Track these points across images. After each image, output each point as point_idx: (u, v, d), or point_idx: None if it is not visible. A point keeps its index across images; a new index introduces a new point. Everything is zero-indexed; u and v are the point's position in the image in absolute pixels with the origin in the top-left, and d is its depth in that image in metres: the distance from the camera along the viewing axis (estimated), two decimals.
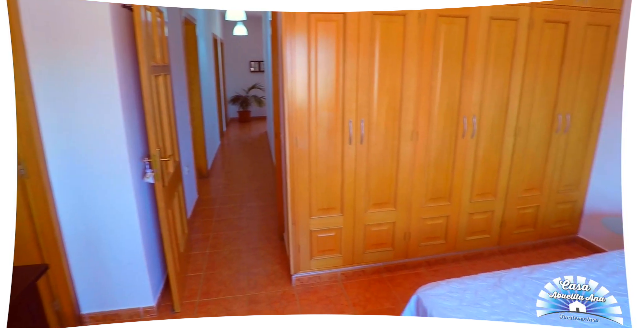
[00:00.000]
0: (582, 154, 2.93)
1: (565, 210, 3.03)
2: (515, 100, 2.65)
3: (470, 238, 2.85)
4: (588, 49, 2.70)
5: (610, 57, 2.77)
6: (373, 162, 2.52)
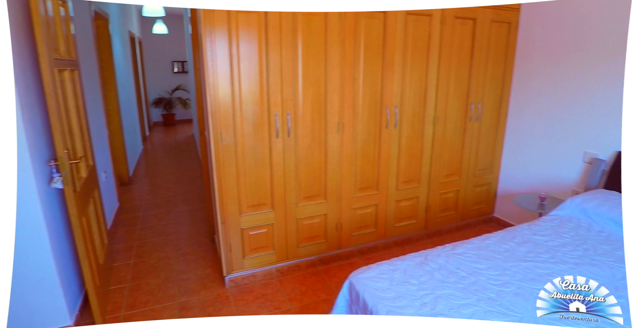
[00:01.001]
0: (493, 140, 3.18)
1: (481, 192, 3.27)
2: (433, 91, 2.79)
3: (399, 225, 2.96)
4: (493, 43, 2.93)
5: (512, 51, 3.03)
6: (301, 155, 2.52)
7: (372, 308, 1.52)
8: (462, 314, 1.43)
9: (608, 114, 2.50)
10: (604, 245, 1.91)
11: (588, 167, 2.63)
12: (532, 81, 2.94)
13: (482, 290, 1.57)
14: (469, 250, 1.87)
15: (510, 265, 1.74)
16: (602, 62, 2.49)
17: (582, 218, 2.18)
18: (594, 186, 2.51)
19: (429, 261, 1.78)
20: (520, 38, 3.00)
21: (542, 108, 2.90)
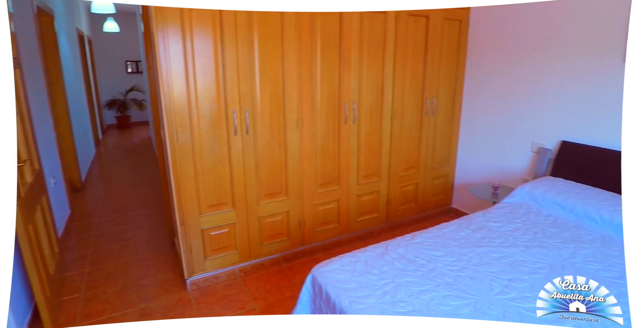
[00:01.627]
0: (449, 134, 3.28)
1: (439, 184, 3.37)
2: (389, 86, 2.84)
3: (361, 219, 2.99)
4: (446, 40, 3.03)
5: (464, 48, 3.14)
6: (261, 152, 2.49)
7: (334, 300, 1.53)
8: (421, 300, 1.47)
9: (552, 106, 2.64)
10: (552, 228, 2.02)
11: (536, 156, 2.77)
12: (483, 76, 3.07)
13: (440, 276, 1.62)
14: (427, 239, 1.92)
15: (466, 251, 1.80)
16: (545, 57, 2.63)
17: (532, 204, 2.30)
18: (542, 174, 2.66)
19: (389, 251, 1.82)
20: (470, 35, 3.11)
21: (493, 102, 3.03)
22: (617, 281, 1.57)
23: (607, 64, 2.35)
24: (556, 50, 2.57)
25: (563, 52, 2.54)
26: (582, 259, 1.73)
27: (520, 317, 1.37)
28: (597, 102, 2.42)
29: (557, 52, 2.57)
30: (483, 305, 1.43)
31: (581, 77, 2.48)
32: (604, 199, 2.09)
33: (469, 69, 3.18)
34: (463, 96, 3.25)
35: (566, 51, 2.52)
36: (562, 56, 2.55)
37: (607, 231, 1.96)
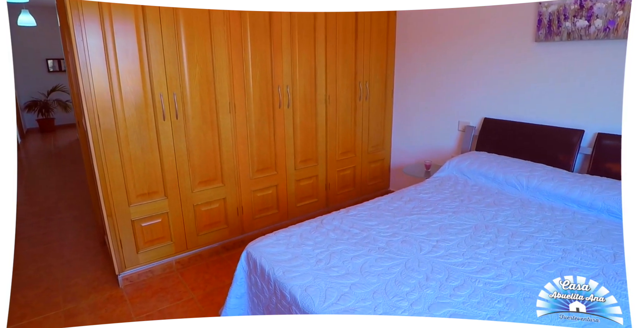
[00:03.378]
0: (383, 118, 3.38)
1: (376, 168, 3.45)
2: (322, 71, 2.87)
3: (301, 204, 2.99)
4: (375, 26, 3.11)
5: (392, 33, 3.24)
6: (193, 137, 2.40)
7: (268, 271, 1.51)
8: (354, 264, 1.48)
9: (475, 87, 2.81)
10: (477, 195, 2.14)
11: (462, 134, 2.93)
12: (411, 61, 3.19)
13: (373, 242, 1.65)
14: (362, 212, 1.96)
15: (398, 219, 1.86)
16: (468, 42, 2.79)
17: (459, 176, 2.42)
18: (468, 150, 2.82)
19: (324, 224, 1.83)
20: (399, 22, 3.22)
21: (422, 85, 3.16)
22: (533, 235, 1.69)
23: (519, 46, 2.54)
24: (477, 36, 2.74)
25: (483, 37, 2.71)
26: (503, 219, 1.85)
27: (446, 270, 1.43)
28: (513, 81, 2.61)
29: (478, 38, 2.74)
30: (413, 263, 1.48)
31: (499, 59, 2.66)
32: (521, 167, 2.25)
33: (398, 55, 3.29)
34: (394, 81, 3.36)
35: (486, 37, 2.70)
36: (482, 41, 2.72)
37: (525, 195, 2.11)
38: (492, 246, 1.60)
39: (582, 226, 1.76)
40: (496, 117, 2.72)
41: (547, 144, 2.39)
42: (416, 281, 1.37)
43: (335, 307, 1.26)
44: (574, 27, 2.31)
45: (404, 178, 3.41)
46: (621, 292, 1.30)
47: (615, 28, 2.19)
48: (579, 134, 2.30)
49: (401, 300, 1.27)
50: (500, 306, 1.23)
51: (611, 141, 2.19)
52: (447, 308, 1.23)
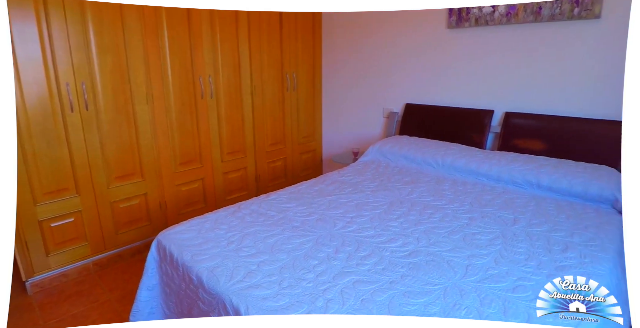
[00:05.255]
0: (312, 108, 3.38)
1: (308, 159, 3.44)
2: (246, 61, 2.82)
3: (231, 197, 2.90)
4: (300, 16, 3.10)
5: (319, 22, 3.25)
6: (106, 130, 2.25)
7: (177, 257, 1.43)
8: (266, 243, 1.45)
9: (397, 75, 2.89)
10: (397, 175, 2.19)
11: (387, 120, 3.00)
12: (338, 51, 3.22)
13: (289, 222, 1.62)
14: (282, 195, 1.93)
15: (317, 200, 1.85)
16: (388, 31, 2.87)
17: (382, 159, 2.47)
18: (392, 135, 2.88)
19: (241, 209, 1.77)
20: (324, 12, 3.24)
21: (349, 75, 3.20)
22: (444, 207, 1.75)
23: (434, 33, 2.64)
24: (396, 25, 2.82)
25: (401, 26, 2.80)
26: (418, 194, 1.90)
27: (357, 243, 1.43)
28: (430, 67, 2.71)
29: (396, 27, 2.82)
30: (325, 239, 1.47)
31: (417, 47, 2.75)
32: (437, 147, 2.33)
33: (325, 46, 3.31)
34: (322, 71, 3.37)
35: (403, 26, 2.78)
36: (400, 30, 2.80)
37: (440, 173, 2.19)
38: (404, 218, 1.63)
39: (489, 197, 1.85)
40: (417, 102, 2.81)
41: (463, 125, 2.50)
42: (325, 254, 1.36)
43: (240, 284, 1.21)
44: (481, 13, 2.44)
45: (336, 167, 3.42)
46: (516, 250, 1.37)
47: (515, 13, 2.33)
48: (489, 115, 2.43)
49: (308, 273, 1.25)
50: (404, 270, 1.25)
51: (517, 119, 2.33)
52: (351, 276, 1.23)
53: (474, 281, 1.19)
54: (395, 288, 1.17)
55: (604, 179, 1.81)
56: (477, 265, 1.28)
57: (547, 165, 1.97)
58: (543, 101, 2.30)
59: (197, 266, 1.34)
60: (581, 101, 2.19)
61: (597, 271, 1.27)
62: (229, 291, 1.19)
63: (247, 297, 1.16)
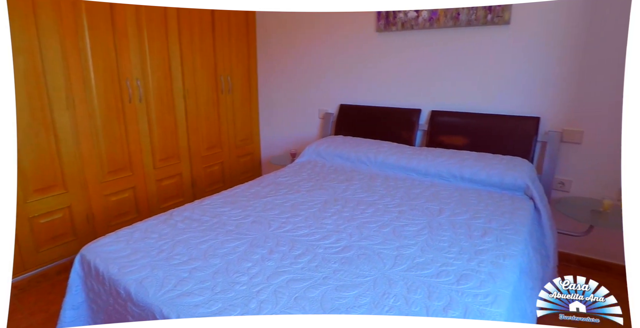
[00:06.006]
0: (249, 111, 3.35)
1: (246, 162, 3.41)
2: (177, 63, 2.73)
3: (166, 205, 2.79)
4: (234, 17, 3.06)
5: (252, 24, 3.23)
6: (21, 138, 2.07)
7: (103, 271, 1.35)
8: (199, 249, 1.41)
9: (331, 76, 2.95)
10: (332, 174, 2.24)
11: (322, 121, 3.06)
12: (273, 53, 3.22)
13: (223, 226, 1.60)
14: (217, 200, 1.89)
15: (253, 202, 1.84)
16: (320, 32, 2.92)
17: (318, 159, 2.51)
18: (328, 135, 2.94)
19: (174, 216, 1.72)
20: (258, 14, 3.23)
21: (285, 77, 3.21)
22: (376, 202, 1.82)
23: (365, 37, 2.74)
24: (329, 28, 2.88)
25: (334, 29, 2.86)
26: (352, 192, 1.95)
27: (291, 242, 1.45)
28: (362, 69, 2.80)
29: (329, 30, 2.88)
30: (259, 241, 1.47)
31: (349, 49, 2.83)
32: (370, 146, 2.42)
33: (260, 47, 3.30)
34: (258, 73, 3.36)
35: (336, 28, 2.85)
36: (333, 33, 2.87)
37: (373, 170, 2.27)
38: (338, 215, 1.67)
39: (418, 190, 1.95)
40: (350, 103, 2.89)
41: (394, 124, 2.61)
42: (259, 256, 1.35)
43: (170, 293, 1.17)
44: (407, 17, 2.56)
45: (275, 169, 3.42)
46: (440, 238, 1.46)
47: (437, 18, 2.48)
48: (417, 113, 2.56)
49: (242, 276, 1.24)
50: (336, 265, 1.28)
51: (442, 117, 2.48)
52: (285, 275, 1.24)
53: (402, 270, 1.25)
54: (328, 283, 1.19)
55: (517, 169, 1.98)
56: (405, 255, 1.34)
57: (468, 159, 2.11)
58: (464, 99, 2.47)
59: (125, 279, 1.28)
60: (496, 99, 2.38)
61: (511, 252, 1.38)
62: (158, 301, 1.15)
63: (178, 305, 1.12)
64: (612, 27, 2.02)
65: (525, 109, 2.31)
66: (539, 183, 2.06)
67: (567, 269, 2.31)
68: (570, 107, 2.21)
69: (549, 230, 1.86)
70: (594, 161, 2.20)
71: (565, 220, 2.16)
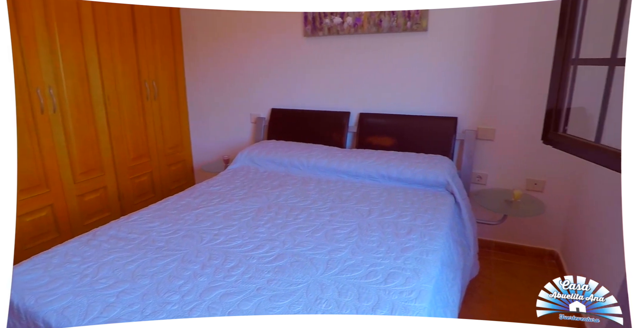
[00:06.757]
0: (177, 117, 3.23)
1: (178, 170, 3.29)
2: (95, 69, 2.56)
3: (90, 222, 2.62)
4: (157, 20, 2.92)
5: (178, 28, 3.11)
6: None
7: (18, 303, 1.25)
8: (126, 270, 1.36)
9: (262, 80, 2.94)
10: (266, 180, 2.25)
11: (254, 126, 3.04)
12: (201, 56, 3.13)
13: (152, 243, 1.54)
14: (145, 215, 1.82)
15: (184, 215, 1.79)
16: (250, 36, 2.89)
17: (251, 165, 2.50)
18: (261, 140, 2.94)
19: (97, 236, 1.63)
20: (183, 17, 3.12)
21: (214, 81, 3.14)
22: (309, 207, 1.86)
23: (293, 41, 2.76)
24: (258, 31, 2.86)
25: (263, 33, 2.85)
26: (285, 197, 1.97)
27: (224, 255, 1.44)
28: (291, 73, 2.83)
29: (258, 34, 2.86)
30: (191, 256, 1.44)
31: (278, 53, 2.83)
32: (302, 149, 2.46)
33: (186, 50, 3.19)
34: (186, 77, 3.25)
35: (265, 32, 2.83)
36: (262, 37, 2.85)
37: (306, 174, 2.31)
38: (271, 223, 1.68)
39: (349, 192, 2.02)
40: (282, 107, 2.90)
41: (324, 127, 2.67)
42: (191, 272, 1.33)
43: (96, 321, 1.12)
44: (332, 23, 2.62)
45: (208, 176, 3.34)
46: (369, 239, 1.53)
47: (361, 24, 2.57)
48: (347, 116, 2.64)
49: (173, 295, 1.22)
50: (270, 275, 1.30)
51: (370, 119, 2.58)
52: (219, 290, 1.23)
53: (333, 274, 1.30)
54: (261, 294, 1.20)
55: (438, 166, 2.12)
56: (336, 259, 1.39)
57: (395, 159, 2.23)
58: (390, 101, 2.59)
59: (44, 310, 1.19)
60: (418, 101, 2.53)
61: (433, 247, 1.49)
62: None
63: None
64: (515, 35, 2.23)
65: (445, 110, 2.47)
66: (458, 178, 2.23)
67: (487, 254, 2.52)
68: (484, 107, 2.41)
69: (469, 221, 2.02)
70: (505, 155, 2.43)
71: (483, 210, 2.36)
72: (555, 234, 2.45)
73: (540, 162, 2.34)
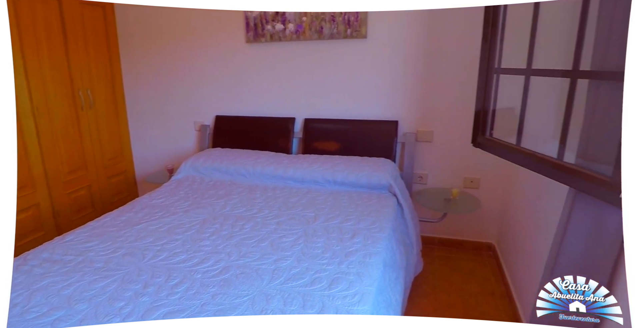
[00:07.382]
0: (116, 127, 3.09)
1: (119, 182, 3.15)
2: (21, 77, 2.38)
3: (21, 243, 2.39)
4: (90, 26, 2.77)
5: (114, 34, 2.96)
6: None
7: None
8: (61, 296, 1.29)
9: (206, 87, 2.89)
10: (211, 190, 2.22)
11: (199, 134, 2.99)
12: (140, 63, 3.02)
13: (90, 264, 1.48)
14: (82, 234, 1.73)
15: (124, 232, 1.73)
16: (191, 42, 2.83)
17: (196, 175, 2.45)
18: (206, 148, 2.89)
19: (28, 260, 1.53)
20: (119, 21, 2.98)
21: (155, 88, 3.04)
22: (255, 216, 1.86)
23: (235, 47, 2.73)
24: (199, 37, 2.80)
25: (204, 39, 2.79)
26: (231, 207, 1.96)
27: (167, 271, 1.41)
28: (235, 80, 2.81)
29: (200, 40, 2.80)
30: (132, 275, 1.39)
31: (220, 60, 2.80)
32: (248, 157, 2.45)
33: (124, 57, 3.06)
34: (124, 85, 3.12)
35: (206, 38, 2.79)
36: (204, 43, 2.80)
37: (252, 181, 2.31)
38: (217, 235, 1.67)
39: (295, 199, 2.04)
40: (226, 114, 2.87)
41: (270, 133, 2.68)
42: (132, 292, 1.29)
43: None
44: (274, 29, 2.63)
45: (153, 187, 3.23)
46: (315, 245, 1.56)
47: (303, 31, 2.59)
48: (292, 121, 2.66)
49: (113, 318, 1.18)
50: (215, 289, 1.29)
51: (315, 124, 2.62)
52: (162, 309, 1.20)
53: (278, 284, 1.32)
54: (206, 310, 1.20)
55: (381, 169, 2.20)
56: (282, 268, 1.41)
57: (340, 163, 2.28)
58: (333, 107, 2.64)
59: None
60: (361, 105, 2.60)
61: (376, 250, 1.55)
62: None
63: None
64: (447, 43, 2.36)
65: (386, 114, 2.57)
66: (401, 180, 2.32)
67: (431, 250, 2.65)
68: (422, 111, 2.53)
69: (411, 221, 2.11)
70: (443, 156, 2.56)
71: (425, 208, 2.48)
72: (491, 227, 2.62)
73: (475, 161, 2.49)
